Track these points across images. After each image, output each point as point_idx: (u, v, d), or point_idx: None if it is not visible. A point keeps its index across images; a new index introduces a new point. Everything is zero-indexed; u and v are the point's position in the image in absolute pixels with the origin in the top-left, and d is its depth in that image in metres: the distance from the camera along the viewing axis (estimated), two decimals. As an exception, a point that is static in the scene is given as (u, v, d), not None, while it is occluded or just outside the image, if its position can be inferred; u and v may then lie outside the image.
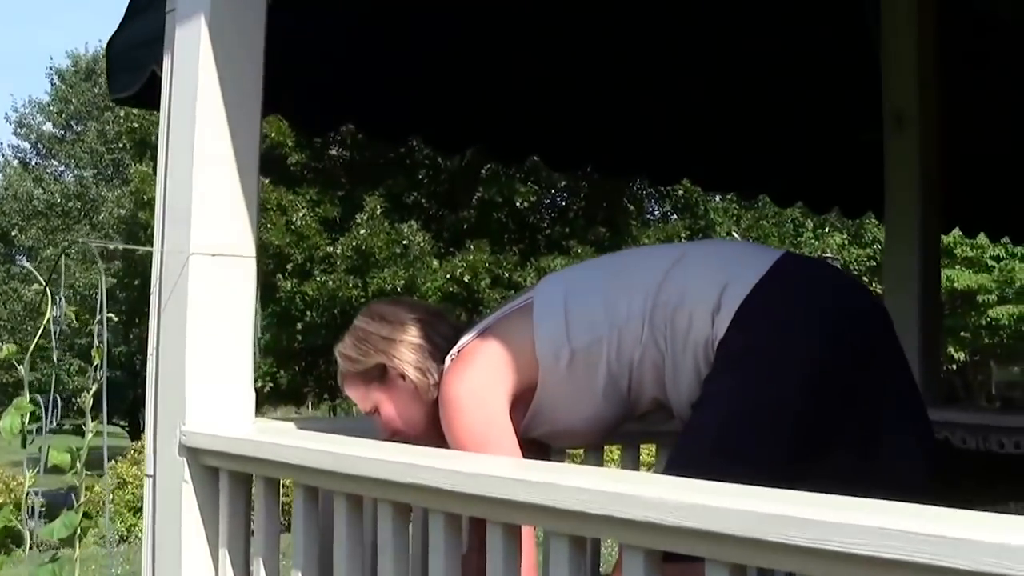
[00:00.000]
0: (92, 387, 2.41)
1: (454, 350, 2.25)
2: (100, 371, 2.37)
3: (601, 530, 1.51)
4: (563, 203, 21.02)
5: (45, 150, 36.55)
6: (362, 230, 17.31)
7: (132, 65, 2.89)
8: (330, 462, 1.93)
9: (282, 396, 20.35)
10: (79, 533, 2.41)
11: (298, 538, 2.15)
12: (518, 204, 18.92)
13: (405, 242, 17.50)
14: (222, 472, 2.28)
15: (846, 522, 1.17)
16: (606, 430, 2.31)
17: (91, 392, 2.42)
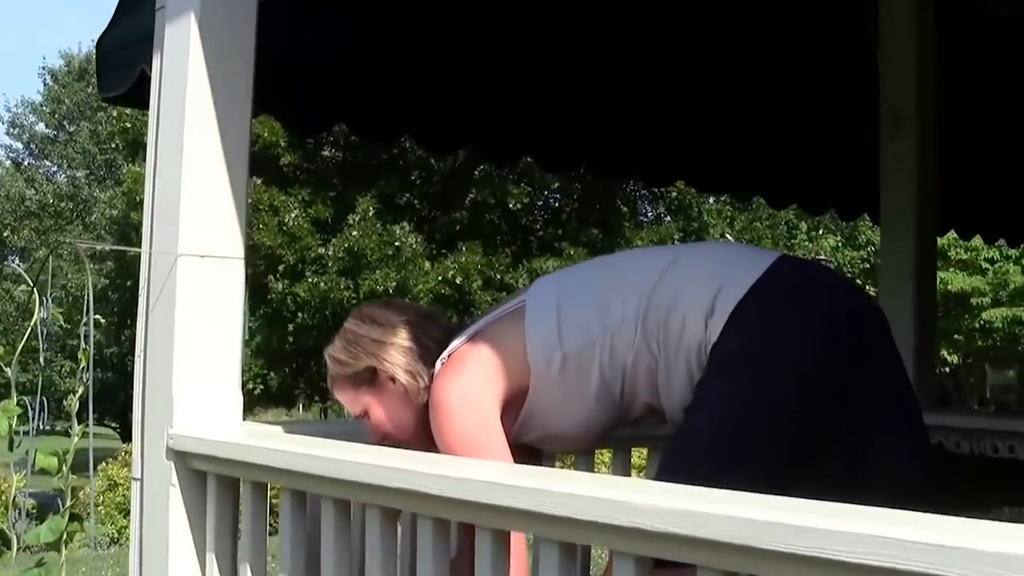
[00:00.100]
0: (79, 389, 2.39)
1: (444, 354, 2.23)
2: (87, 373, 2.35)
3: (591, 536, 1.48)
4: (556, 205, 21.02)
5: (38, 150, 36.54)
6: (354, 231, 17.30)
7: (121, 64, 2.87)
8: (317, 466, 1.91)
9: (273, 398, 20.34)
10: (64, 537, 2.39)
11: (285, 543, 2.13)
12: (511, 206, 18.93)
13: (397, 244, 17.48)
14: (210, 476, 2.26)
15: (841, 530, 1.15)
16: (599, 435, 2.28)
17: (78, 395, 2.40)
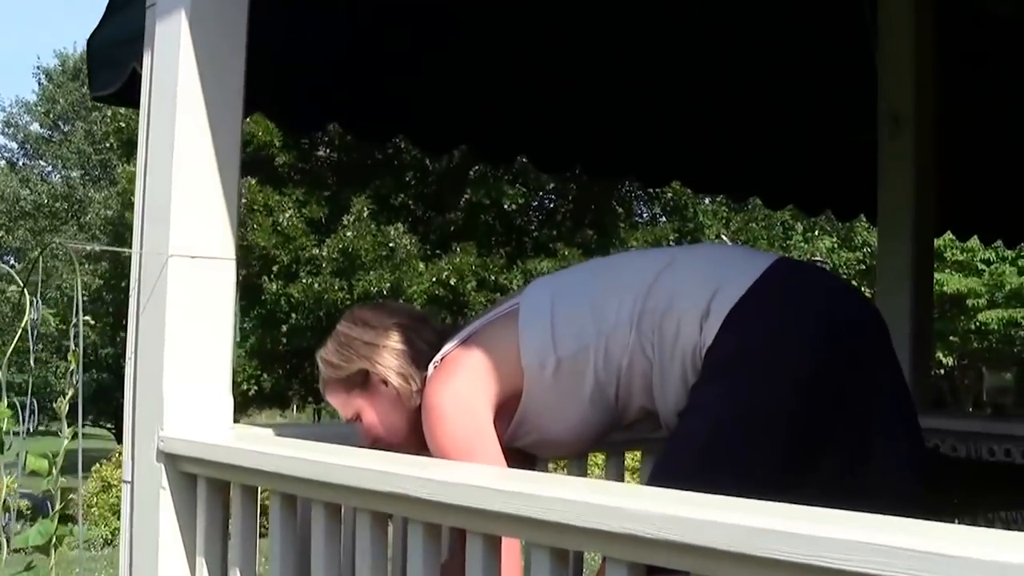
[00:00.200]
0: (68, 391, 2.38)
1: (437, 357, 2.21)
2: (76, 375, 2.33)
3: (583, 542, 1.46)
4: (551, 205, 20.98)
5: (32, 150, 36.48)
6: (348, 232, 17.26)
7: (112, 62, 2.86)
8: (306, 470, 1.89)
9: (267, 399, 20.29)
10: (54, 541, 2.37)
11: (275, 546, 2.11)
12: (506, 206, 18.89)
13: (391, 244, 17.45)
14: (200, 479, 2.24)
15: (835, 537, 1.13)
16: (594, 439, 2.26)
17: (67, 397, 2.38)
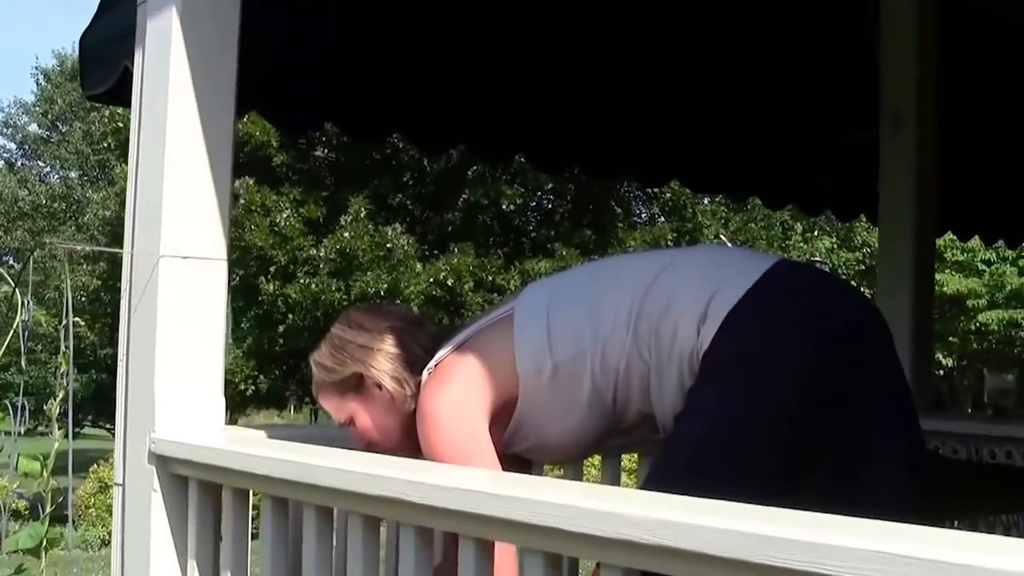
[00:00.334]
0: (59, 393, 2.37)
1: (432, 363, 2.19)
2: (66, 377, 2.32)
3: (578, 548, 1.44)
4: (549, 205, 20.94)
5: (30, 151, 36.43)
6: (346, 232, 17.22)
7: (104, 61, 2.84)
8: (298, 473, 1.87)
9: (263, 400, 20.24)
10: (45, 544, 2.36)
11: (266, 549, 2.09)
12: (504, 207, 18.85)
13: (389, 245, 17.42)
14: (191, 481, 2.23)
15: (834, 543, 1.10)
16: (591, 443, 2.24)
17: (58, 398, 2.37)
